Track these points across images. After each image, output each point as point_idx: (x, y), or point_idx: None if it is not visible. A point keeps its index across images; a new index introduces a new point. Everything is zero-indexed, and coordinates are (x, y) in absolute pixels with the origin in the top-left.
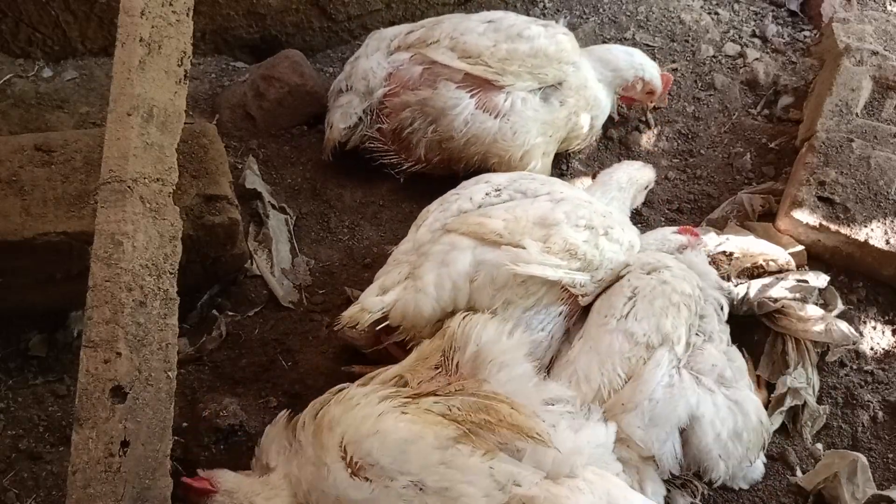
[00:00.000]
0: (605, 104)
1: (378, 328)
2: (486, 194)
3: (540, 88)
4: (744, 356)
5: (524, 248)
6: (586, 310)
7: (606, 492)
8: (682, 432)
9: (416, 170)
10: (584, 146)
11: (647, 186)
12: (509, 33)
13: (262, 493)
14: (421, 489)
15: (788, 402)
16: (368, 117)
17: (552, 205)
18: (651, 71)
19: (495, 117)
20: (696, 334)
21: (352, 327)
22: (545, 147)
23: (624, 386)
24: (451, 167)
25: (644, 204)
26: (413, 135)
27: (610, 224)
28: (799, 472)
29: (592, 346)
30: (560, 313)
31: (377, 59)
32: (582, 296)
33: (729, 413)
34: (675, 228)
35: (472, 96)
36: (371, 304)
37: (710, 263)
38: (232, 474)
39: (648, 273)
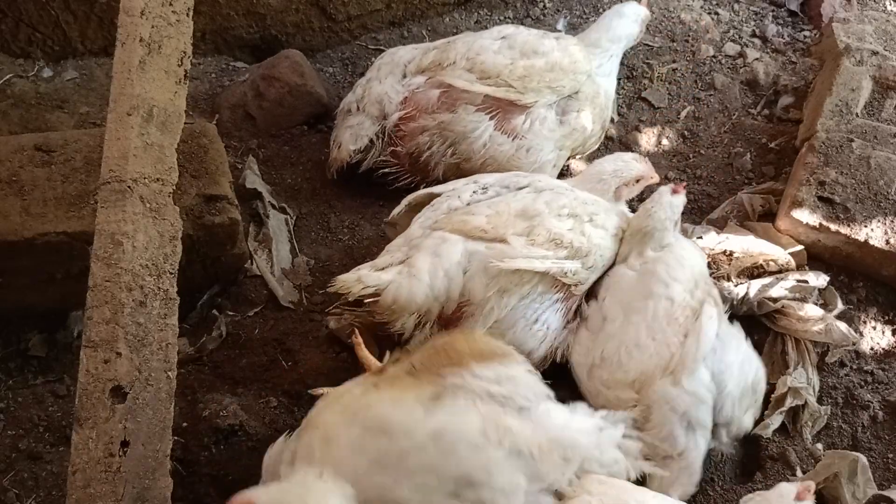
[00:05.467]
0: (611, 97)
1: (366, 303)
2: (474, 192)
3: (556, 102)
4: None
5: (508, 242)
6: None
7: (617, 498)
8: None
9: None
10: (592, 150)
11: (639, 180)
12: (524, 50)
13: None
14: (415, 442)
15: (789, 402)
16: (381, 140)
17: (534, 195)
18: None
19: (512, 139)
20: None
21: (342, 294)
22: (556, 161)
23: (683, 344)
24: None
25: (643, 202)
26: (431, 157)
27: (594, 210)
28: (799, 472)
29: (636, 318)
30: (555, 300)
31: (391, 83)
32: (575, 285)
33: (750, 366)
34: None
35: (491, 118)
36: (368, 277)
37: (709, 263)
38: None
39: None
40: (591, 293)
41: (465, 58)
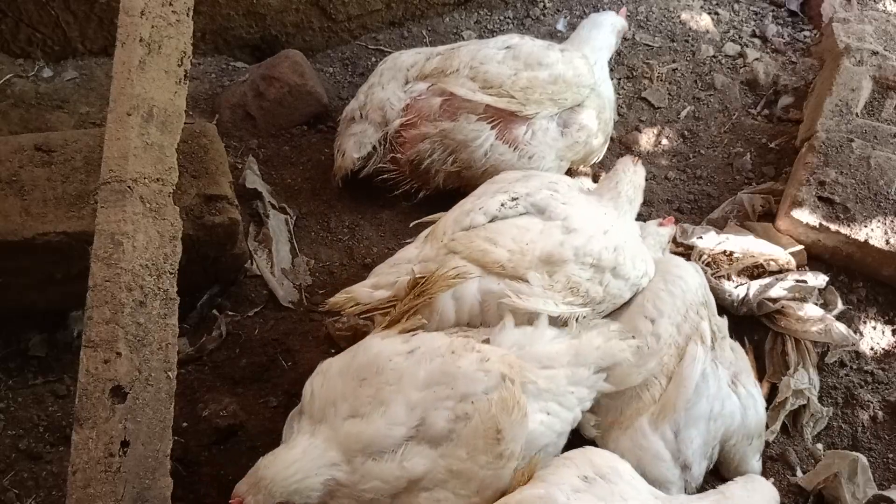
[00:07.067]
0: (613, 106)
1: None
2: (502, 205)
3: (558, 114)
4: (744, 346)
5: (527, 281)
6: None
7: (589, 461)
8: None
9: (429, 195)
10: (597, 161)
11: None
12: (528, 61)
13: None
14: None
15: (791, 404)
16: (382, 147)
17: (562, 237)
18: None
19: (514, 149)
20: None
21: (335, 314)
22: (557, 170)
23: (665, 388)
24: (465, 192)
25: (643, 203)
26: (432, 165)
27: (621, 261)
28: (799, 472)
29: None
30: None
31: (393, 89)
32: None
33: (730, 416)
34: (656, 222)
35: (492, 128)
36: (361, 294)
37: (709, 263)
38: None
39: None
40: None
41: (469, 66)
